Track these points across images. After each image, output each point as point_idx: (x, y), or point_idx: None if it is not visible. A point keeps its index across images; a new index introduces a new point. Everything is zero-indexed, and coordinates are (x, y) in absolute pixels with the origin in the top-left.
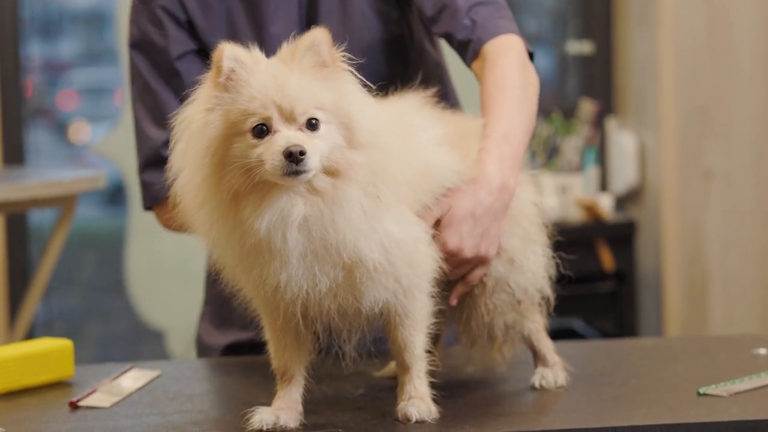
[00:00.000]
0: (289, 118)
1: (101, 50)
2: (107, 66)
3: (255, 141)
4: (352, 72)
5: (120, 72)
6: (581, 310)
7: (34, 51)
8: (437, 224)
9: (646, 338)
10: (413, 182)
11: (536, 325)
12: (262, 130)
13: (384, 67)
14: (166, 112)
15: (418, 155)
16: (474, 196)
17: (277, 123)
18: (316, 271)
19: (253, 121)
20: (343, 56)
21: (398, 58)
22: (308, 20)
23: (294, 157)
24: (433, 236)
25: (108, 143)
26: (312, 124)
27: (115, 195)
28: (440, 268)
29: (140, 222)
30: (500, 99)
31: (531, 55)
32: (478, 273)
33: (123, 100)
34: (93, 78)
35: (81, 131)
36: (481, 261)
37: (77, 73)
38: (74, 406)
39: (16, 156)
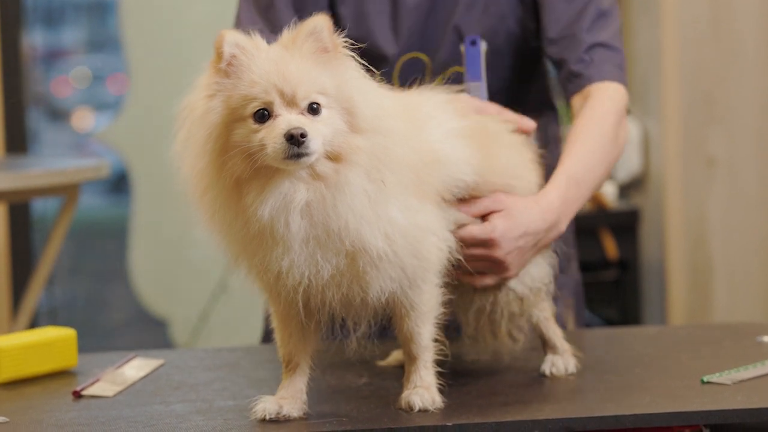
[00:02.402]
0: (290, 103)
1: (104, 39)
2: (107, 54)
3: (256, 126)
4: (353, 57)
5: (121, 60)
6: (585, 298)
7: (37, 39)
8: (483, 216)
9: (649, 326)
10: (419, 168)
11: (545, 312)
12: (263, 115)
13: (509, 72)
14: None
15: (426, 142)
16: (532, 214)
17: (279, 107)
18: (318, 257)
19: (254, 106)
20: (344, 42)
21: (525, 71)
22: (446, 10)
23: (295, 140)
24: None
25: (111, 132)
26: (313, 109)
27: (118, 184)
28: (451, 258)
29: (144, 211)
30: (588, 142)
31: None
32: (488, 280)
33: (123, 87)
34: (90, 65)
35: (84, 119)
36: (500, 269)
37: (77, 61)
38: (77, 395)
39: (18, 144)
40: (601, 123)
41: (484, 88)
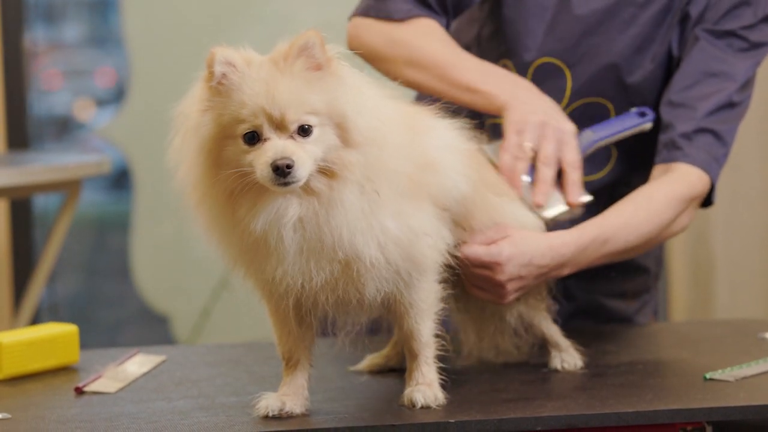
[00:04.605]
0: (279, 126)
1: (105, 35)
2: (96, 48)
3: (246, 147)
4: (348, 69)
5: (110, 54)
6: None
7: (38, 35)
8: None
9: (651, 323)
10: (414, 174)
11: (543, 312)
12: (253, 137)
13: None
14: None
15: (422, 147)
16: (539, 248)
17: (268, 131)
18: (312, 266)
19: (243, 128)
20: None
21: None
22: (606, 39)
23: (281, 171)
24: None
25: (112, 128)
26: (304, 130)
27: (119, 180)
28: (449, 255)
29: (145, 207)
30: (639, 213)
31: (709, 200)
32: (484, 295)
33: (110, 81)
34: (81, 60)
35: (86, 111)
36: (498, 293)
37: (68, 55)
38: (80, 391)
39: (20, 140)
40: (663, 203)
41: (590, 144)
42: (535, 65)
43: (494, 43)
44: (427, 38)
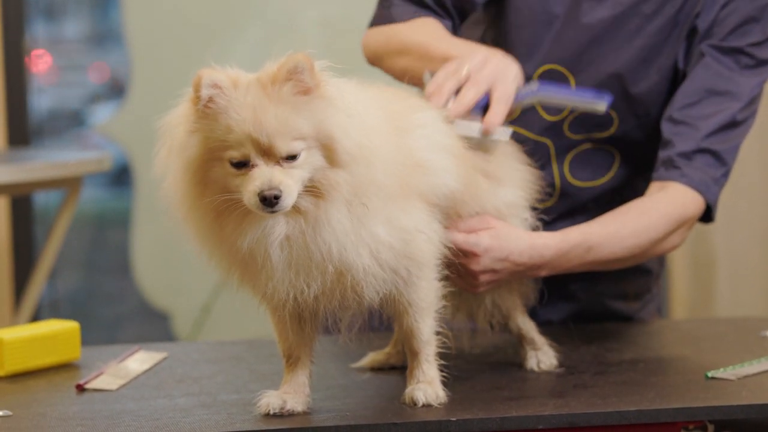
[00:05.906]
0: (267, 153)
1: (105, 31)
2: (89, 44)
3: (234, 170)
4: (337, 88)
5: (103, 49)
6: None
7: (39, 31)
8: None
9: (652, 321)
10: (402, 175)
11: (520, 307)
12: (240, 162)
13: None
14: None
15: (409, 149)
16: (519, 245)
17: (255, 158)
18: (302, 280)
19: (230, 154)
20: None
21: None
22: (611, 49)
23: (269, 201)
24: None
25: (113, 124)
26: (291, 155)
27: (120, 176)
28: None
29: (146, 204)
30: (627, 226)
31: (710, 217)
32: (456, 280)
33: (104, 76)
34: (76, 55)
35: (83, 105)
36: (470, 282)
37: (64, 51)
38: (81, 388)
39: (20, 137)
40: (654, 220)
41: (529, 93)
42: (539, 71)
43: (498, 47)
44: (419, 29)
